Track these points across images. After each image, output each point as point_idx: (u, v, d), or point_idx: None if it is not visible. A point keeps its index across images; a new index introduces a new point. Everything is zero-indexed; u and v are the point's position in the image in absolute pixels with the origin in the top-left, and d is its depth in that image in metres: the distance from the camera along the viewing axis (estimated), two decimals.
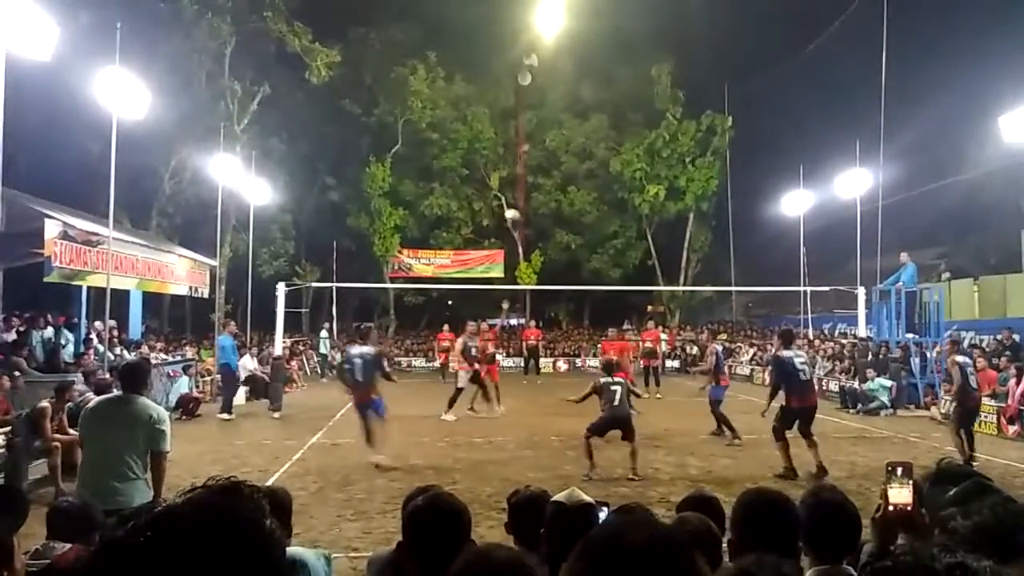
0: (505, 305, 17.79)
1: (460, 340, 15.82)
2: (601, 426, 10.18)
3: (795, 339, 10.75)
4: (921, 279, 19.35)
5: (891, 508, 2.15)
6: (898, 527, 2.14)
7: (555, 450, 11.94)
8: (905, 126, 23.73)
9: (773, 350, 12.19)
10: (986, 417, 14.17)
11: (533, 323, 29.97)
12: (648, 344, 20.56)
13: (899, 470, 2.18)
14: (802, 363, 10.03)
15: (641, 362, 20.22)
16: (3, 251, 9.51)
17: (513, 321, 35.15)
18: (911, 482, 2.17)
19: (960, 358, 11.53)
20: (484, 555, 1.65)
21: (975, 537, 1.43)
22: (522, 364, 28.06)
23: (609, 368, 10.95)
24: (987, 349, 16.97)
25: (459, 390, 15.39)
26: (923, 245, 26.99)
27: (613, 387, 10.21)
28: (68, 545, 3.08)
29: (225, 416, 15.58)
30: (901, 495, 2.15)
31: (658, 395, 19.49)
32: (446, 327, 25.50)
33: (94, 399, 6.17)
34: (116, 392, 5.29)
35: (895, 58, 21.88)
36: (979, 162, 25.55)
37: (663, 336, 30.16)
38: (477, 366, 15.37)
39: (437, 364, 26.04)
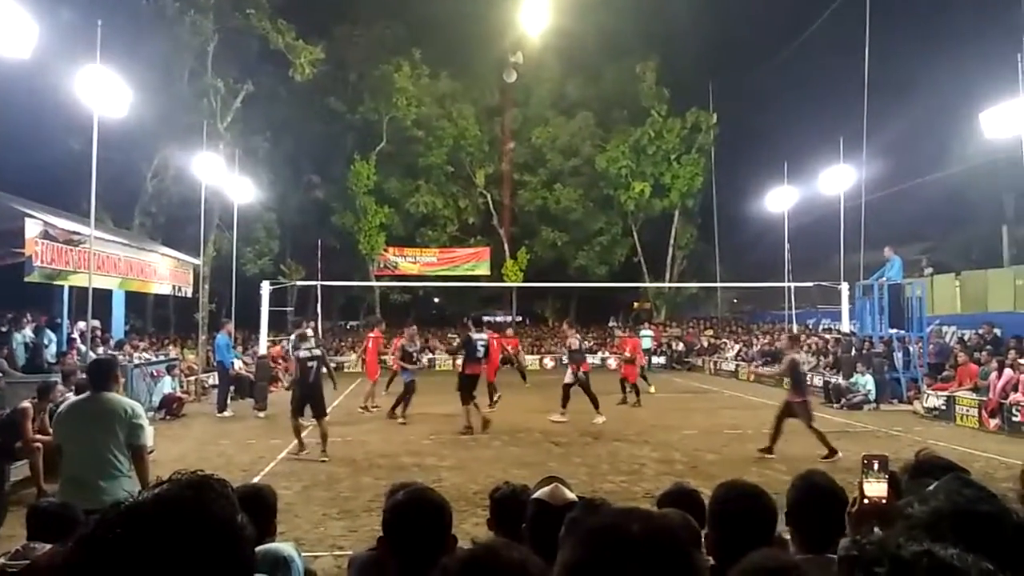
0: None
1: (400, 343, 15.84)
2: (299, 403, 10.97)
3: (483, 325, 14.78)
4: (904, 274, 19.49)
5: (866, 501, 2.15)
6: (873, 521, 2.14)
7: (541, 447, 11.97)
8: (888, 123, 23.89)
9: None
10: (967, 411, 14.33)
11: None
12: (627, 354, 18.48)
13: (875, 464, 2.16)
14: (482, 344, 13.71)
15: (622, 369, 18.48)
16: None
17: (499, 318, 35.15)
18: (887, 476, 2.17)
19: (799, 356, 11.64)
20: (491, 551, 1.61)
21: (931, 522, 1.45)
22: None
23: (303, 338, 11.76)
24: (969, 343, 17.14)
25: (567, 386, 14.96)
26: (906, 241, 27.18)
27: (311, 363, 10.81)
28: (49, 546, 3.05)
29: (228, 413, 16.06)
30: (877, 488, 2.14)
31: (651, 388, 19.28)
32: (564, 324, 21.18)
33: (69, 400, 6.09)
34: (87, 392, 5.20)
35: (877, 55, 22.01)
36: (961, 158, 25.75)
37: (647, 333, 30.17)
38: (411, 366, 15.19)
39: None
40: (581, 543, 1.09)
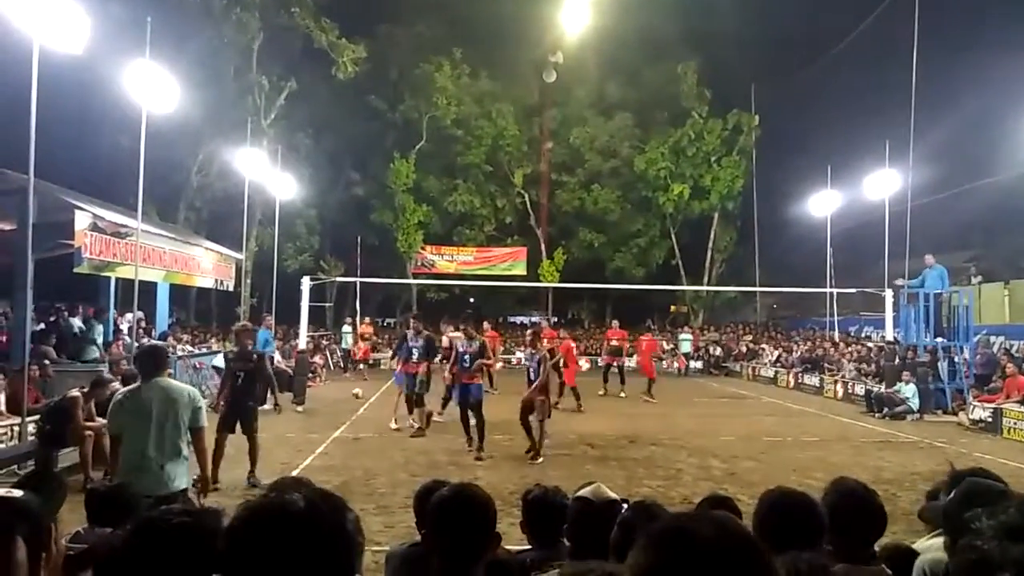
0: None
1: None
2: (225, 419, 9.58)
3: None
4: (951, 282, 19.01)
5: None
6: None
7: (576, 449, 11.93)
8: (935, 126, 23.39)
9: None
10: (1015, 424, 13.97)
11: (616, 322, 22.20)
12: (614, 342, 20.20)
13: None
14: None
15: (602, 360, 20.62)
16: (35, 242, 9.70)
17: (535, 319, 35.11)
18: None
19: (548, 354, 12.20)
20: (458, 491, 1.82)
21: (1003, 535, 1.41)
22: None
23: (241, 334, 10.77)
24: (1017, 354, 16.70)
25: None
26: (953, 248, 26.60)
27: (238, 374, 9.92)
28: (109, 530, 3.11)
29: (267, 407, 15.50)
30: None
31: (622, 393, 19.33)
32: (615, 323, 21.42)
33: (121, 389, 6.16)
34: (141, 380, 5.23)
35: (925, 57, 21.55)
36: (1010, 164, 25.11)
37: (685, 337, 30.15)
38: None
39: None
40: (653, 546, 1.07)
